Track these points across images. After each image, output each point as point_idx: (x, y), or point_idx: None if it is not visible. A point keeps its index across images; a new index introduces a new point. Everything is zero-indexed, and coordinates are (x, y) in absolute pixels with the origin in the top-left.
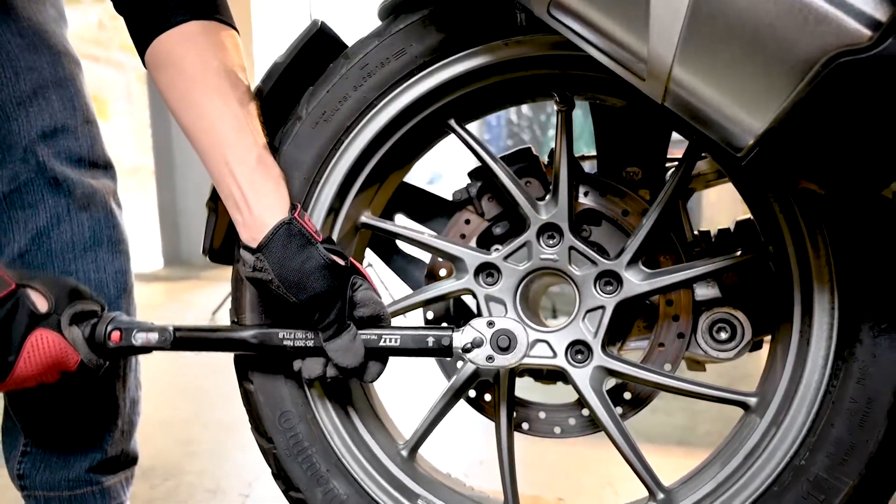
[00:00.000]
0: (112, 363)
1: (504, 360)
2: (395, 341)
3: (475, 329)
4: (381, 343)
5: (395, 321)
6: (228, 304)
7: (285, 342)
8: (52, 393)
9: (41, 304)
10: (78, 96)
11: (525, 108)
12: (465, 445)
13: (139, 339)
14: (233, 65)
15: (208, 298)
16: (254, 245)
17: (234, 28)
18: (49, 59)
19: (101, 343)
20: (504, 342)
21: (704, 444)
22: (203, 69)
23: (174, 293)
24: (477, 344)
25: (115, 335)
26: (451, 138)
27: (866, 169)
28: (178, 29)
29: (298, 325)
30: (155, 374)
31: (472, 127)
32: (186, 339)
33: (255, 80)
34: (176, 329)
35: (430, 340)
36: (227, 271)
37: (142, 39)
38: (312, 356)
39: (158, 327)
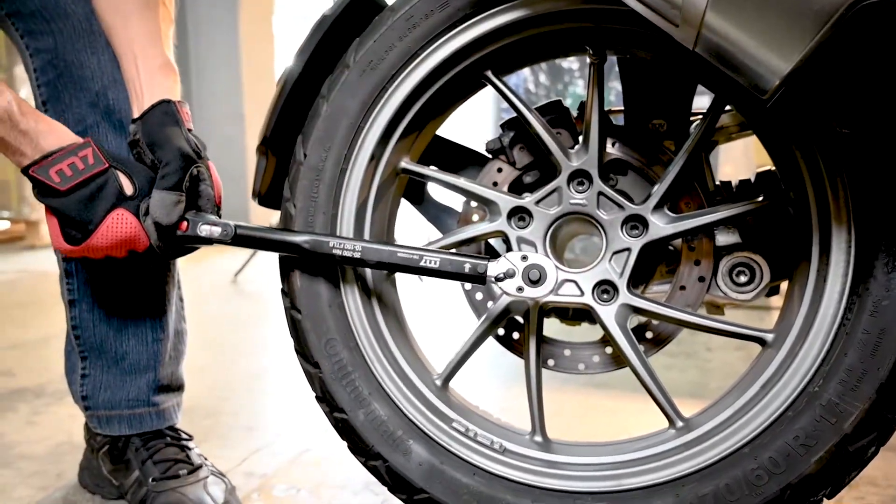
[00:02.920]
0: (175, 252)
1: (533, 292)
2: (435, 263)
3: (509, 261)
4: (421, 263)
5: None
6: (249, 267)
7: (335, 250)
8: (110, 304)
9: (127, 187)
10: None
11: (543, 77)
12: (484, 395)
13: (203, 230)
14: None
15: (229, 262)
16: (138, 116)
17: None
18: None
19: (169, 227)
20: (535, 275)
21: (715, 398)
22: None
23: (195, 257)
24: (509, 274)
25: (183, 224)
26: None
27: (887, 108)
28: None
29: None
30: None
31: (489, 95)
32: (246, 237)
33: (275, 53)
34: (237, 226)
35: (467, 266)
36: None
37: None
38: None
39: (222, 222)
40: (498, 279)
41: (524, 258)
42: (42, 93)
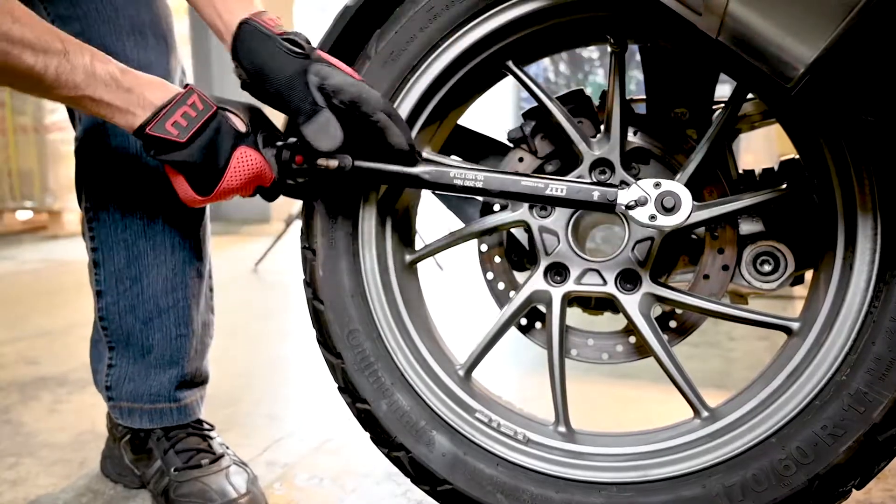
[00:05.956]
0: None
1: (667, 221)
2: (562, 191)
3: (641, 188)
4: (547, 191)
5: (445, 254)
6: (270, 257)
7: (455, 180)
8: (137, 297)
9: (240, 125)
10: (169, 35)
11: (563, 66)
12: (506, 384)
13: (320, 162)
14: None
15: (248, 252)
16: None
17: None
18: None
19: (286, 163)
20: (669, 202)
21: (740, 388)
22: None
23: (215, 247)
24: (641, 202)
25: (299, 157)
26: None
27: None
28: None
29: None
30: None
31: (510, 85)
32: (363, 169)
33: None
34: (354, 158)
35: (596, 194)
36: (266, 227)
37: None
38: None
39: (339, 155)
40: (629, 207)
41: (657, 185)
42: None
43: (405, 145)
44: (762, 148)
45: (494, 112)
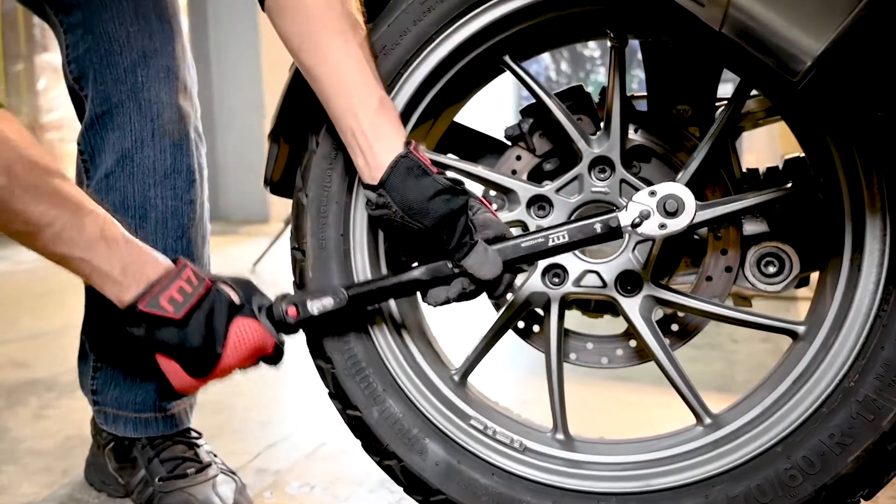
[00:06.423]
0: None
1: (676, 224)
2: (564, 237)
3: (639, 203)
4: (550, 244)
5: None
6: (268, 257)
7: (456, 269)
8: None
9: (234, 297)
10: (174, 19)
11: (564, 65)
12: (505, 387)
13: (315, 307)
14: (353, 8)
15: (247, 253)
16: (374, 183)
17: None
18: None
19: (281, 321)
20: (672, 206)
21: (743, 391)
22: (328, 11)
23: (214, 248)
24: (645, 216)
25: (292, 310)
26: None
27: None
28: None
29: (428, 255)
30: None
31: (510, 82)
32: (361, 295)
33: None
34: (346, 288)
35: (598, 227)
36: (265, 227)
37: None
38: (441, 285)
39: (330, 290)
40: (635, 226)
41: (652, 193)
42: (72, 70)
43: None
44: (765, 147)
45: (494, 109)
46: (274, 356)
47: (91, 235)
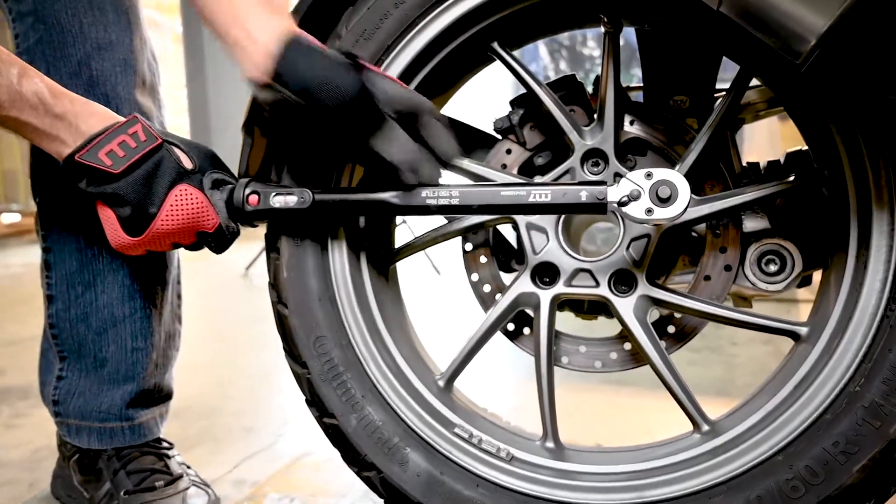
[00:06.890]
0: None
1: (664, 213)
2: (546, 196)
3: (632, 181)
4: (530, 199)
5: (432, 250)
6: (260, 261)
7: (429, 201)
8: (90, 304)
9: (186, 162)
10: (132, 10)
11: (563, 64)
12: (499, 392)
13: (277, 201)
14: None
15: (239, 255)
16: (265, 78)
17: None
18: None
19: (239, 207)
20: (665, 192)
21: (743, 395)
22: None
23: (205, 251)
24: (634, 196)
25: (253, 198)
26: None
27: None
28: None
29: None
30: (190, 320)
31: (509, 78)
32: (326, 202)
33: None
34: (314, 191)
35: (584, 195)
36: (257, 231)
37: None
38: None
39: (297, 190)
40: (621, 203)
41: (648, 175)
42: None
43: (457, 152)
44: (765, 144)
45: (489, 102)
46: (215, 238)
47: (11, 92)
